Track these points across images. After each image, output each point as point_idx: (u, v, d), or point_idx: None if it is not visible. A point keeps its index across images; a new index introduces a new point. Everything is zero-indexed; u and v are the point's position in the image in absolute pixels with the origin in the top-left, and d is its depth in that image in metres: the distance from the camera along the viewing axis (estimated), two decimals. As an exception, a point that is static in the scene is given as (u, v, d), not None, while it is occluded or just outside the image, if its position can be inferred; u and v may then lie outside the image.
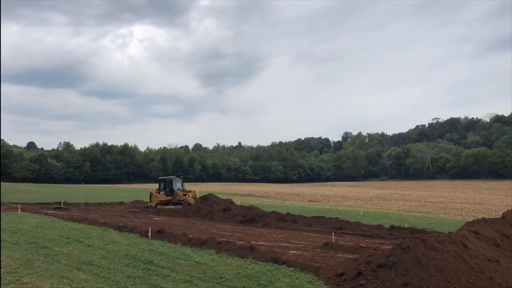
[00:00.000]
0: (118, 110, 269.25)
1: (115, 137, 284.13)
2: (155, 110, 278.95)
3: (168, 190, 28.45)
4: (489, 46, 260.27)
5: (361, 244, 14.27)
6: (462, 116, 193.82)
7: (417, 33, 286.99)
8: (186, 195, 28.02)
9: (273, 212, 23.47)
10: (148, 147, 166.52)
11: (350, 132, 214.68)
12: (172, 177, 29.59)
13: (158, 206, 28.26)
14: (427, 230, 18.95)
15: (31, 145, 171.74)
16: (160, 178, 30.39)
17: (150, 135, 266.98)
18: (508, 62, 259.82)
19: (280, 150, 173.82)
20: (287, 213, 23.77)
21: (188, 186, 35.24)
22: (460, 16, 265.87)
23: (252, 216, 22.23)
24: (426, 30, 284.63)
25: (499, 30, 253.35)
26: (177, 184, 29.15)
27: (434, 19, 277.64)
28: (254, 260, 11.29)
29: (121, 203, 35.23)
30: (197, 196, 28.62)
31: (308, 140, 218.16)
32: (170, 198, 28.16)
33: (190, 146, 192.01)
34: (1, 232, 14.91)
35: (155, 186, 39.78)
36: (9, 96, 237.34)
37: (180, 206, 27.27)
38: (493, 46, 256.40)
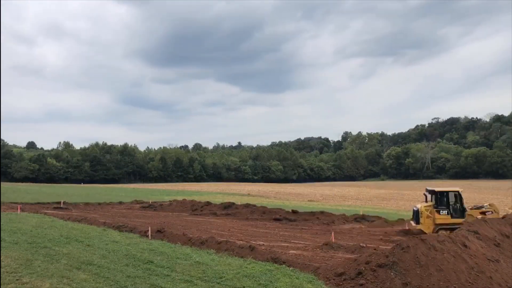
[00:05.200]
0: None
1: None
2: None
3: (453, 208, 18.60)
4: None
5: (360, 244, 14.29)
6: (462, 116, 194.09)
7: None
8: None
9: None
10: (148, 147, 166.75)
11: (350, 132, 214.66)
12: (459, 189, 19.18)
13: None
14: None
15: (31, 145, 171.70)
16: (435, 190, 19.16)
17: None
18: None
19: (280, 150, 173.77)
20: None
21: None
22: None
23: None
24: None
25: None
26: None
27: None
28: (254, 260, 11.28)
29: (120, 202, 35.24)
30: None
31: (308, 140, 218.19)
32: (460, 221, 17.89)
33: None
34: (1, 232, 14.90)
35: (154, 185, 38.94)
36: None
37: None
38: None
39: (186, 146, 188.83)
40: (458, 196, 18.79)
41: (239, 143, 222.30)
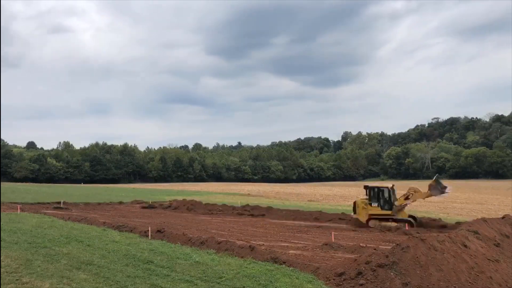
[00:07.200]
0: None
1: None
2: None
3: (384, 201, 21.14)
4: None
5: (360, 244, 14.28)
6: (462, 116, 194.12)
7: None
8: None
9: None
10: (147, 147, 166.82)
11: (350, 132, 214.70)
12: (389, 185, 21.72)
13: (373, 222, 20.94)
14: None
15: (31, 145, 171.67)
16: (370, 185, 22.15)
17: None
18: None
19: (280, 150, 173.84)
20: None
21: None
22: None
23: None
24: None
25: None
26: (392, 195, 21.36)
27: None
28: (254, 260, 11.27)
29: (120, 202, 35.24)
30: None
31: (308, 140, 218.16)
32: (388, 212, 20.86)
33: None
34: (1, 232, 14.91)
35: (154, 185, 39.08)
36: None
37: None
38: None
39: (186, 146, 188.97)
40: (387, 192, 21.16)
41: (239, 143, 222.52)
